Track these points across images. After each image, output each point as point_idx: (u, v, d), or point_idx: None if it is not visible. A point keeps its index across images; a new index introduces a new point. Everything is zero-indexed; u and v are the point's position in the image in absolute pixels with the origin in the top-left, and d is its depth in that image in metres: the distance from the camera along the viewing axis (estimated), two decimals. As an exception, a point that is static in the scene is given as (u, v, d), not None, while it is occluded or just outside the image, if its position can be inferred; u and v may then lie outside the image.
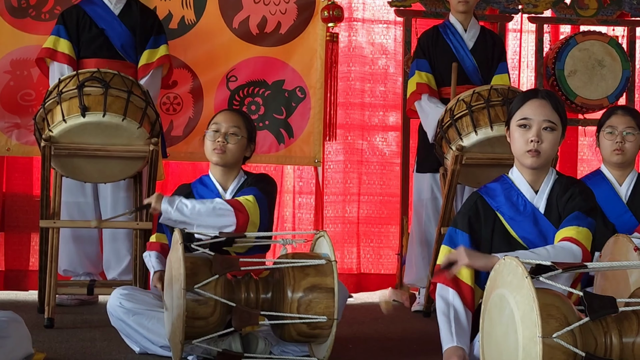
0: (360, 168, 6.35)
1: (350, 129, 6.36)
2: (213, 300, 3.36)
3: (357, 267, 6.29)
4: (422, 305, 5.23)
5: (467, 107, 4.61)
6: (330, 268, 3.45)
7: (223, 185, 3.94)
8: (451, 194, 4.82)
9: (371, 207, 6.36)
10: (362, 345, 4.11)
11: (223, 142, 3.88)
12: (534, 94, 3.26)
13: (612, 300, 2.60)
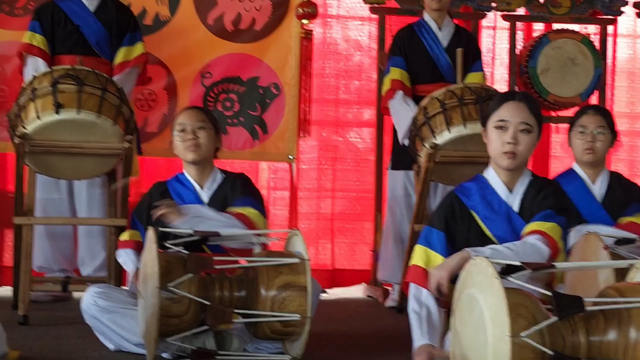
0: (335, 164, 6.37)
1: (324, 125, 6.38)
2: (187, 299, 3.38)
3: (332, 262, 6.32)
4: (396, 301, 5.27)
5: (441, 106, 4.65)
6: (303, 267, 3.48)
7: (199, 183, 3.95)
8: (424, 191, 4.85)
9: (345, 203, 6.39)
10: (335, 342, 4.14)
11: (194, 138, 3.89)
12: (511, 96, 3.30)
13: (579, 300, 2.63)
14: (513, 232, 3.22)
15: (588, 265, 2.93)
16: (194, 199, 3.91)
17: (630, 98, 6.64)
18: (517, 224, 3.23)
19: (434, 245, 3.25)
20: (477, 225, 3.25)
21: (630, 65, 6.65)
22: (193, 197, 3.92)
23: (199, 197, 3.93)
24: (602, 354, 2.66)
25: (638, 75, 6.61)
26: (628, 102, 6.64)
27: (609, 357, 2.65)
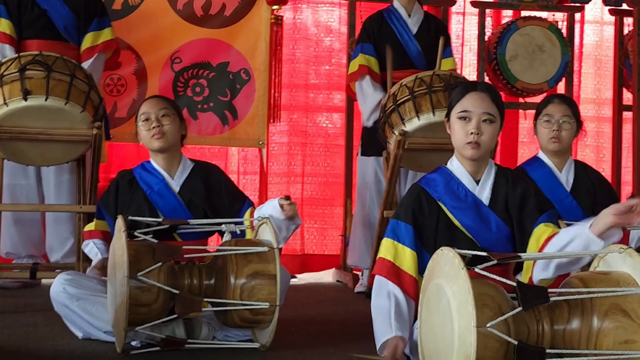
0: (305, 149, 6.39)
1: (294, 110, 6.39)
2: (156, 288, 3.39)
3: (301, 247, 6.35)
4: (365, 287, 5.31)
5: (410, 93, 4.67)
6: (272, 255, 3.49)
7: (168, 172, 3.94)
8: (394, 178, 4.89)
9: (315, 188, 6.41)
10: (305, 328, 4.17)
11: (158, 126, 3.88)
12: (474, 86, 3.31)
13: (544, 291, 2.68)
14: (482, 223, 3.24)
15: (552, 255, 2.97)
16: (163, 188, 3.90)
17: (597, 85, 6.71)
18: (486, 214, 3.26)
19: (402, 239, 3.26)
20: (445, 217, 3.27)
21: (597, 52, 6.71)
22: (163, 186, 3.91)
23: (169, 187, 3.91)
24: (566, 342, 2.71)
25: (604, 62, 6.68)
26: (595, 89, 6.71)
27: (572, 345, 2.70)
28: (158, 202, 3.88)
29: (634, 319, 2.67)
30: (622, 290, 2.70)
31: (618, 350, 2.65)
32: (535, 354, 2.62)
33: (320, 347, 3.70)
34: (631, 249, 2.79)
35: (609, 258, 2.89)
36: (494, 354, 2.59)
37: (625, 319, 2.67)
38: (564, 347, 2.70)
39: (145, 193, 3.89)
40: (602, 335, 2.67)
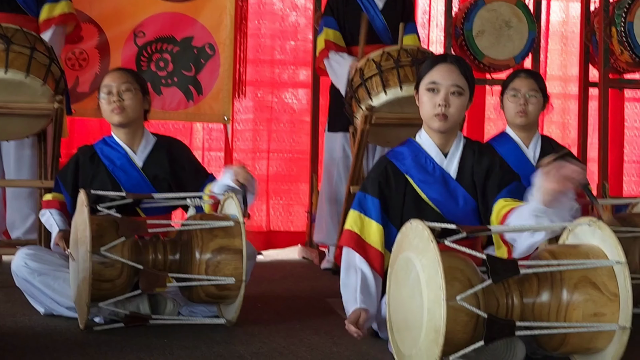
0: (270, 125, 6.33)
1: (260, 86, 6.33)
2: (120, 263, 3.33)
3: (267, 224, 6.30)
4: (331, 263, 5.28)
5: (377, 67, 4.63)
6: (238, 229, 3.44)
7: (130, 146, 3.86)
8: (361, 153, 4.85)
9: (281, 165, 6.36)
10: (271, 304, 4.13)
11: (119, 101, 3.79)
12: (443, 58, 3.28)
13: (514, 263, 2.66)
14: (450, 196, 3.21)
15: (521, 228, 2.94)
16: (126, 163, 3.83)
17: (563, 61, 6.71)
18: (453, 187, 3.23)
19: (369, 212, 3.23)
20: (412, 190, 3.24)
21: (563, 28, 6.70)
22: (125, 160, 3.83)
23: (132, 161, 3.84)
24: (535, 315, 2.69)
25: (571, 38, 6.67)
26: (561, 65, 6.70)
27: (541, 318, 2.68)
28: (121, 177, 3.80)
29: (603, 291, 2.66)
30: (592, 262, 2.68)
31: (587, 323, 2.64)
32: (505, 327, 2.60)
33: (286, 322, 3.67)
34: (600, 222, 2.77)
35: (578, 231, 2.87)
36: (463, 327, 2.56)
37: (594, 291, 2.66)
38: (533, 320, 2.69)
39: (108, 168, 3.81)
40: (571, 308, 2.66)
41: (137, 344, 3.16)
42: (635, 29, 5.67)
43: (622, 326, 2.63)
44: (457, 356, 2.58)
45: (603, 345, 2.70)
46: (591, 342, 2.69)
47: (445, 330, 2.48)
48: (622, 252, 2.67)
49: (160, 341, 3.21)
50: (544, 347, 2.79)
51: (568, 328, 2.65)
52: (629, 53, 5.71)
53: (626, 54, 5.73)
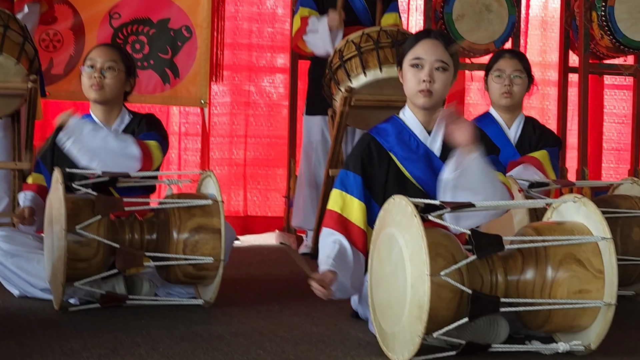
0: (248, 110, 6.27)
1: (237, 70, 6.27)
2: (95, 242, 3.25)
3: (244, 209, 6.25)
4: (310, 248, 5.22)
5: (357, 49, 4.58)
6: (216, 208, 3.38)
7: (106, 123, 3.78)
8: (340, 136, 4.80)
9: (258, 150, 6.31)
10: (249, 286, 4.07)
11: (100, 78, 3.71)
12: (427, 34, 3.22)
13: (499, 239, 2.62)
14: (433, 174, 3.16)
15: (506, 204, 2.91)
16: None
17: (542, 47, 6.69)
18: (437, 165, 3.17)
19: (351, 189, 3.17)
20: (395, 167, 3.19)
21: (543, 13, 6.69)
22: None
23: None
24: (520, 293, 2.66)
25: (550, 23, 6.65)
26: (540, 51, 6.69)
27: (526, 296, 2.64)
28: None
29: (589, 268, 2.63)
30: (577, 238, 2.65)
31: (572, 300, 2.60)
32: (490, 303, 2.56)
33: (265, 304, 3.61)
34: (586, 198, 2.74)
35: (562, 209, 2.84)
36: (447, 304, 2.52)
37: (579, 268, 2.62)
38: (517, 297, 2.65)
39: None
40: (556, 285, 2.62)
41: (114, 324, 3.09)
42: (615, 13, 5.65)
43: (607, 303, 2.60)
44: (441, 333, 2.54)
45: (587, 322, 2.66)
46: (575, 319, 2.66)
47: (429, 307, 2.43)
48: (608, 229, 2.63)
49: (137, 321, 3.15)
50: (527, 325, 2.75)
51: (553, 305, 2.61)
52: (609, 38, 5.69)
53: (606, 38, 5.70)
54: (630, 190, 3.94)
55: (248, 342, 2.85)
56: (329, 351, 2.74)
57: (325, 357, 2.66)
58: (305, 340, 2.91)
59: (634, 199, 3.86)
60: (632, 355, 2.76)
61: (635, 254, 3.72)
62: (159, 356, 2.61)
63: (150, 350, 2.69)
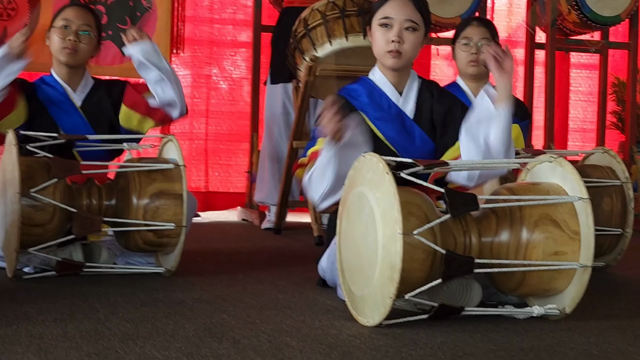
0: (209, 83, 6.15)
1: (199, 43, 6.13)
2: (51, 206, 3.11)
3: (205, 185, 6.13)
4: (273, 223, 5.11)
5: (322, 17, 4.46)
6: (178, 173, 3.26)
7: (69, 85, 3.62)
8: (304, 106, 4.69)
9: (220, 124, 6.19)
10: (211, 257, 3.96)
11: (75, 41, 3.56)
12: (397, -8, 3.11)
13: (473, 198, 2.52)
14: (406, 135, 3.07)
15: (482, 165, 2.81)
16: (64, 102, 3.60)
17: (509, 22, 6.63)
18: (410, 126, 3.08)
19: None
20: (367, 128, 3.08)
21: (510, -12, 6.63)
22: (63, 99, 3.60)
23: (70, 100, 3.60)
24: (494, 254, 2.57)
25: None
26: (507, 26, 6.62)
27: (500, 257, 2.56)
28: (58, 115, 3.58)
29: (564, 229, 2.54)
30: (553, 198, 2.56)
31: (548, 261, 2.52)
32: (464, 264, 2.47)
33: (228, 273, 3.50)
34: (562, 158, 2.66)
35: (536, 170, 2.76)
36: (420, 265, 2.42)
37: (555, 229, 2.54)
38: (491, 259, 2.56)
39: (47, 108, 3.58)
40: (531, 246, 2.54)
41: (71, 291, 2.96)
42: (583, -13, 5.61)
43: (584, 265, 2.52)
44: (413, 294, 2.44)
45: (562, 286, 2.59)
46: (550, 282, 2.58)
47: (402, 267, 2.33)
48: (585, 189, 2.55)
49: (95, 289, 3.02)
50: (501, 289, 2.67)
51: (528, 266, 2.53)
52: (576, 13, 5.64)
53: (574, 13, 5.66)
54: (601, 160, 3.89)
55: (211, 308, 2.74)
56: (295, 316, 2.64)
57: (292, 321, 2.55)
58: (271, 306, 2.80)
59: (605, 168, 3.81)
60: (606, 320, 2.70)
61: (605, 224, 3.67)
62: (118, 320, 2.49)
63: (109, 315, 2.56)
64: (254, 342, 2.26)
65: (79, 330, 2.34)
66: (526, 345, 2.30)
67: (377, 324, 2.44)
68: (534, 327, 2.52)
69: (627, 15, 5.81)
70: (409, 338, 2.34)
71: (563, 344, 2.34)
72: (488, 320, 2.59)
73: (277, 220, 5.03)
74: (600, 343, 2.36)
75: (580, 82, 6.82)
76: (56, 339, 2.22)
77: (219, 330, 2.39)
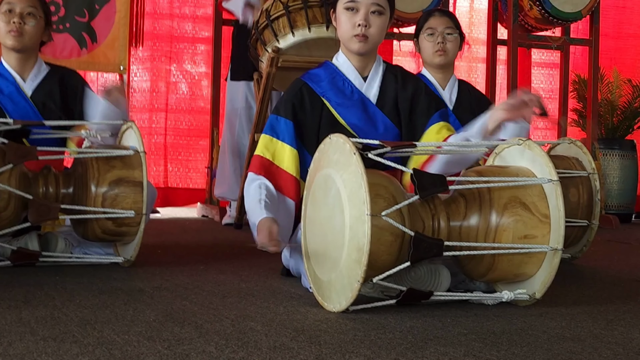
0: (169, 77, 6.05)
1: (158, 37, 6.04)
2: (6, 193, 3.01)
3: (165, 181, 6.03)
4: (234, 218, 5.03)
5: (284, 8, 4.39)
6: (138, 160, 3.17)
7: (20, 74, 3.53)
8: (266, 98, 4.62)
9: (179, 119, 6.09)
10: (171, 251, 3.87)
11: (20, 23, 3.46)
12: (362, -25, 3.05)
13: (442, 179, 2.47)
14: (369, 120, 3.01)
15: (449, 149, 2.76)
16: (14, 91, 3.50)
17: (470, 19, 6.61)
18: (373, 112, 3.03)
19: (282, 135, 3.00)
20: (329, 113, 3.02)
21: (471, -16, 6.62)
22: (13, 88, 3.50)
23: (21, 90, 3.50)
24: (462, 238, 2.51)
25: (477, -6, 6.59)
26: (469, 23, 6.60)
27: (469, 241, 2.50)
28: (8, 106, 3.47)
29: (534, 212, 2.50)
30: (523, 179, 2.51)
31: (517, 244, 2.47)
32: (433, 246, 2.40)
33: (189, 264, 3.41)
34: (530, 141, 2.61)
35: (505, 154, 2.71)
36: (388, 247, 2.36)
37: (525, 212, 2.49)
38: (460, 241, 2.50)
39: None
40: (500, 230, 2.48)
41: (26, 280, 2.86)
42: (545, -17, 5.60)
43: (554, 248, 2.47)
44: (381, 278, 2.38)
45: (532, 270, 2.54)
46: (520, 266, 2.52)
47: (369, 250, 2.27)
48: (554, 171, 2.51)
49: (51, 278, 2.92)
50: (470, 274, 2.62)
51: (498, 249, 2.47)
52: (538, 9, 5.63)
53: (535, 9, 5.65)
54: (568, 150, 3.86)
55: (172, 295, 2.65)
56: (259, 302, 2.56)
57: (256, 307, 2.48)
58: (234, 294, 2.72)
59: (571, 159, 3.78)
60: (576, 307, 2.65)
61: (572, 215, 3.63)
62: (76, 307, 2.40)
63: (66, 302, 2.47)
64: (217, 326, 2.18)
65: (34, 316, 2.25)
66: (497, 329, 2.25)
67: (344, 309, 2.38)
68: (505, 313, 2.47)
69: (588, 12, 5.82)
70: (377, 322, 2.28)
71: (535, 327, 2.29)
72: (457, 306, 2.54)
73: (237, 215, 4.94)
74: (572, 327, 2.31)
75: (542, 79, 6.83)
76: (10, 324, 2.13)
77: (181, 316, 2.31)
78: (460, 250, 2.48)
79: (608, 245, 4.67)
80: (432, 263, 2.61)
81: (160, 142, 6.03)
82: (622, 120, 6.69)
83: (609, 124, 6.66)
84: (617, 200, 6.51)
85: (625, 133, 6.69)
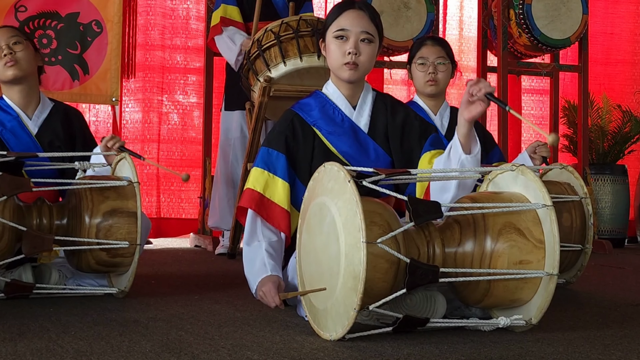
0: (160, 108, 6.06)
1: (150, 68, 6.06)
2: (0, 225, 3.00)
3: (157, 211, 6.02)
4: (227, 248, 5.03)
5: (276, 37, 4.41)
6: (132, 190, 3.16)
7: (23, 109, 3.54)
8: (258, 127, 4.63)
9: (172, 149, 6.09)
10: (165, 281, 3.86)
11: (11, 53, 3.48)
12: (351, 4, 3.07)
13: (437, 205, 2.47)
14: (360, 149, 3.02)
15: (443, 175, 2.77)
16: (17, 127, 3.50)
17: (460, 47, 6.65)
18: (364, 140, 3.04)
19: (274, 168, 3.01)
20: (321, 143, 3.03)
21: (461, 13, 6.64)
22: (16, 123, 3.51)
23: (25, 127, 3.51)
24: (458, 265, 2.51)
25: (467, 23, 6.62)
26: (459, 51, 6.64)
27: (464, 267, 2.50)
28: (10, 141, 3.48)
29: (529, 238, 2.49)
30: (517, 205, 2.52)
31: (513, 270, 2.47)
32: (429, 273, 2.40)
33: (184, 294, 3.40)
34: (524, 167, 2.62)
35: (498, 180, 2.72)
36: (383, 275, 2.36)
37: (520, 238, 2.49)
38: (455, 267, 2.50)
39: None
40: (495, 256, 2.48)
41: (20, 312, 2.84)
42: (533, 11, 5.65)
43: (549, 273, 2.47)
44: (377, 305, 2.38)
45: (528, 295, 2.53)
46: (516, 292, 2.52)
47: (366, 277, 2.27)
48: (548, 196, 2.51)
49: (45, 309, 2.91)
50: (466, 301, 2.61)
51: (493, 275, 2.47)
52: (527, 36, 5.67)
53: (524, 36, 5.69)
54: (559, 176, 3.87)
55: (168, 326, 2.64)
56: (255, 332, 2.55)
57: (252, 337, 2.47)
58: (229, 323, 2.71)
59: (563, 184, 3.79)
60: (573, 332, 2.65)
61: (565, 240, 3.63)
62: (71, 338, 2.39)
63: (61, 334, 2.46)
64: (214, 356, 2.17)
65: (29, 348, 2.24)
66: (495, 356, 2.24)
67: (341, 337, 2.38)
68: (501, 339, 2.47)
69: (577, 39, 5.86)
70: (374, 350, 2.27)
71: (532, 353, 2.29)
72: (454, 333, 2.54)
73: (231, 245, 4.94)
74: (570, 352, 2.31)
75: (532, 105, 6.86)
76: (5, 357, 2.12)
77: (177, 347, 2.30)
78: (455, 277, 2.48)
79: (602, 270, 4.68)
80: (428, 290, 2.61)
81: (152, 173, 6.03)
82: (612, 145, 6.72)
83: (600, 149, 6.69)
84: (610, 225, 6.53)
85: (616, 158, 6.72)
